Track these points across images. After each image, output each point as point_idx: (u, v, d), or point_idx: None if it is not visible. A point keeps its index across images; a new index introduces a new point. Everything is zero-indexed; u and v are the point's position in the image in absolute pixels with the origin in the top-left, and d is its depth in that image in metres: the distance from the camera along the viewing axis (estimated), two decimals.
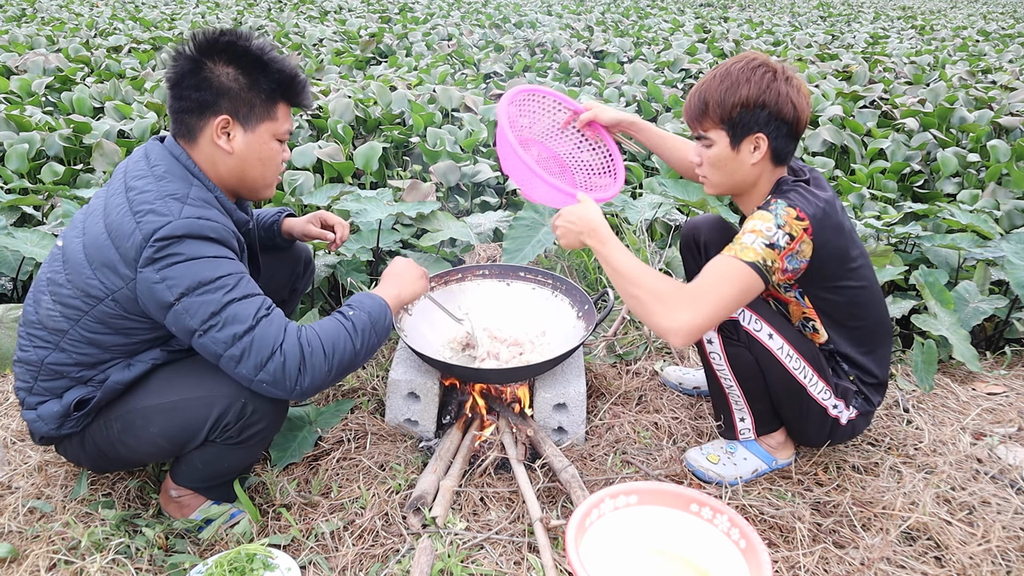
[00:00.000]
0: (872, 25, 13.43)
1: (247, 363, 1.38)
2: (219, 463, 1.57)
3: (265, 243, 1.93)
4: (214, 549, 1.59)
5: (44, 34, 8.04)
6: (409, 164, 4.22)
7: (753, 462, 1.83)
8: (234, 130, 1.46)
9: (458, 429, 1.96)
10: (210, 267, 1.36)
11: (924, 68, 7.49)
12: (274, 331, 1.39)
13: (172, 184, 1.41)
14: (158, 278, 1.34)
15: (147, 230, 1.34)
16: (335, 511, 1.72)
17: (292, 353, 1.39)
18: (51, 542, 1.56)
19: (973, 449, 1.96)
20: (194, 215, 1.37)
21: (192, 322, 1.36)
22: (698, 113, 1.56)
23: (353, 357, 1.48)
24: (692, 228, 2.02)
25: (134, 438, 1.50)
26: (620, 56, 8.20)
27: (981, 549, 1.60)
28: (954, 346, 2.22)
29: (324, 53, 7.90)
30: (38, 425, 1.51)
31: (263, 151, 1.50)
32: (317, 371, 1.42)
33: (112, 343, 1.46)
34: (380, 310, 1.55)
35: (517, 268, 2.28)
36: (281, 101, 1.51)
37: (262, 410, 1.51)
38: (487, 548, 1.61)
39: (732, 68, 1.54)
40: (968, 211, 2.87)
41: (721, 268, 1.46)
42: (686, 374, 2.24)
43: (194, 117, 1.45)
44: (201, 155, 1.48)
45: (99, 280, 1.40)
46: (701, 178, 1.68)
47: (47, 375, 1.49)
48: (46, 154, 3.82)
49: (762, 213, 1.52)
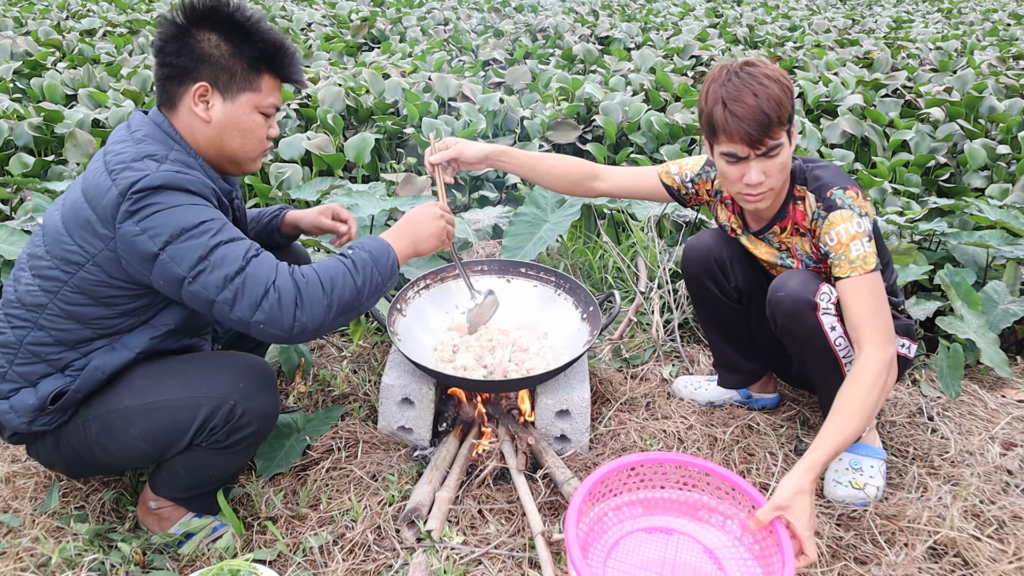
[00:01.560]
0: (895, 8, 13.45)
1: (241, 304, 1.38)
2: (204, 470, 1.57)
3: (263, 241, 1.92)
4: (195, 565, 1.59)
5: (11, 15, 8.04)
6: (403, 156, 4.22)
7: (876, 462, 1.86)
8: (212, 98, 1.48)
9: (455, 437, 1.97)
10: (192, 213, 1.38)
11: (951, 54, 7.50)
12: (265, 269, 1.41)
13: (151, 146, 1.44)
14: (139, 230, 1.35)
15: (123, 185, 1.36)
16: (324, 524, 1.72)
17: (287, 288, 1.40)
18: (19, 559, 1.56)
19: (1003, 460, 1.96)
20: (172, 169, 1.40)
21: (180, 269, 1.37)
22: (765, 126, 1.56)
23: (355, 294, 1.48)
24: (705, 250, 2.00)
25: (113, 441, 1.50)
26: (627, 42, 8.21)
27: (1012, 567, 1.60)
28: (982, 350, 2.22)
29: (313, 38, 7.91)
30: (9, 418, 1.50)
31: (243, 122, 1.51)
32: (316, 305, 1.42)
33: (93, 315, 1.47)
34: (382, 249, 1.55)
35: (519, 264, 2.28)
36: (266, 72, 1.52)
37: (252, 412, 1.52)
38: (485, 564, 1.61)
39: (755, 72, 1.58)
40: (997, 206, 2.86)
41: (869, 290, 1.60)
42: (698, 388, 2.25)
43: (175, 84, 1.48)
44: (181, 123, 1.50)
45: (78, 245, 1.42)
46: (759, 196, 1.66)
47: (24, 358, 1.49)
48: (14, 144, 3.82)
49: (840, 214, 1.64)
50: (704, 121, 1.63)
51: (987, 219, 2.72)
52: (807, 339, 1.72)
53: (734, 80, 1.58)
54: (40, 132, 3.88)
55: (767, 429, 2.10)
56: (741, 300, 2.01)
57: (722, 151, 1.62)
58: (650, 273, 2.78)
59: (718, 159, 1.66)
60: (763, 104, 1.55)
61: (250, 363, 1.57)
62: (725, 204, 1.94)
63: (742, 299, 2.01)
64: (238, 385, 1.51)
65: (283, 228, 1.94)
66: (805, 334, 1.72)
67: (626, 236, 3.11)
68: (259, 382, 1.55)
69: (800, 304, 1.69)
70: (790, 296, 1.70)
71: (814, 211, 1.70)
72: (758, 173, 1.62)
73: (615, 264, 2.89)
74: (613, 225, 3.22)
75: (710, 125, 1.61)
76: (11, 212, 3.02)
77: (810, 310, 1.69)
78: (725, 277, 1.98)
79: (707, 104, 1.61)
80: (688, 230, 3.15)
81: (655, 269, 2.78)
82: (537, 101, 5.12)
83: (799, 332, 1.72)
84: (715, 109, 1.58)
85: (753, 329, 2.07)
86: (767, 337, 2.03)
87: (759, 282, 1.99)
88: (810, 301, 1.68)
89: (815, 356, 1.75)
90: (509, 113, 4.61)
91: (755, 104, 1.55)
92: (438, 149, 1.91)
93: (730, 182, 1.67)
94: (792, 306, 1.70)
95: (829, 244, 1.66)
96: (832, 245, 1.65)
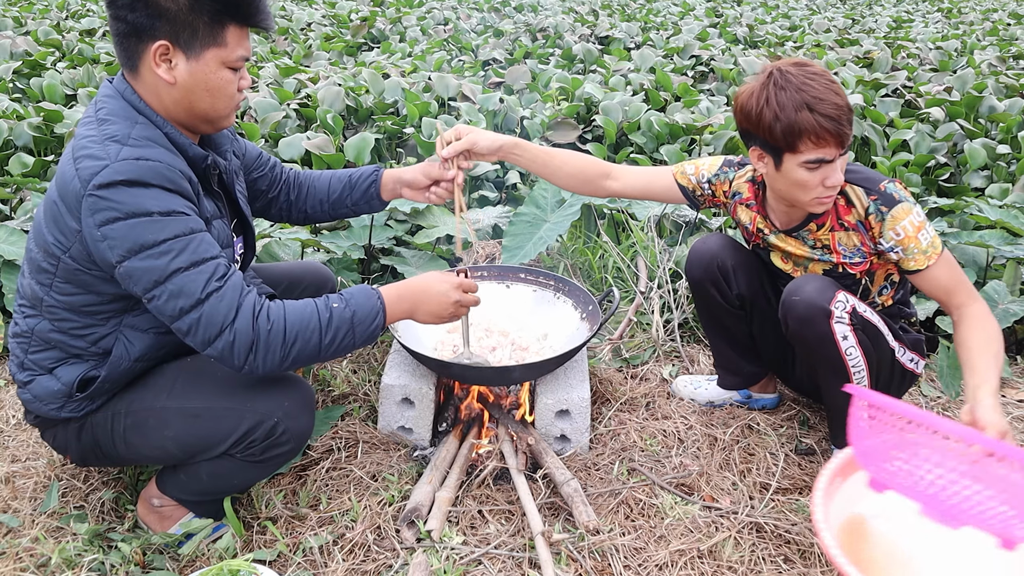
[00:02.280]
0: (895, 8, 13.45)
1: (195, 337, 1.35)
2: (228, 478, 1.57)
3: (361, 208, 1.86)
4: (195, 565, 1.59)
5: (11, 15, 8.03)
6: (403, 156, 4.22)
7: None
8: (175, 57, 1.35)
9: (455, 437, 1.97)
10: (153, 228, 1.29)
11: (951, 54, 7.49)
12: (224, 308, 1.33)
13: (113, 126, 1.35)
14: (100, 235, 1.30)
15: (84, 176, 1.29)
16: (324, 524, 1.72)
17: (243, 332, 1.34)
18: (19, 559, 1.56)
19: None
20: (132, 156, 1.30)
21: (136, 288, 1.33)
22: (851, 123, 1.56)
23: (315, 352, 1.42)
24: (710, 256, 1.97)
25: (142, 438, 1.49)
26: (627, 41, 8.20)
27: None
28: None
29: (313, 38, 7.91)
30: (35, 405, 1.50)
31: (211, 81, 1.38)
32: (271, 356, 1.38)
33: (85, 304, 1.44)
34: (369, 312, 1.46)
35: (517, 269, 2.29)
36: (231, 23, 1.37)
37: (292, 432, 1.51)
38: (485, 564, 1.61)
39: (815, 70, 1.57)
40: (998, 206, 2.86)
41: (948, 267, 1.66)
42: (698, 388, 2.25)
43: (132, 41, 1.35)
44: (144, 87, 1.39)
45: (53, 237, 1.39)
46: (832, 197, 1.65)
47: (37, 345, 1.49)
48: (14, 144, 3.82)
49: (901, 208, 1.64)
50: (779, 132, 1.54)
51: (987, 219, 2.72)
52: (818, 345, 1.71)
53: (808, 83, 1.52)
54: (40, 132, 3.88)
55: (767, 429, 2.10)
56: (744, 307, 2.00)
57: (806, 159, 1.55)
58: (650, 273, 2.78)
59: (794, 170, 1.58)
60: (846, 100, 1.51)
61: (295, 382, 1.57)
62: (747, 206, 1.90)
63: (744, 305, 2.00)
64: (283, 403, 1.50)
65: (383, 194, 1.85)
66: (816, 340, 1.71)
67: (626, 236, 3.11)
68: (302, 402, 1.54)
69: (814, 310, 1.67)
70: (804, 301, 1.69)
71: (867, 205, 1.67)
72: (841, 172, 1.59)
73: (615, 264, 2.89)
74: (613, 225, 3.22)
75: (791, 134, 1.53)
76: (11, 212, 3.02)
77: (823, 317, 1.67)
78: (728, 284, 1.97)
79: (782, 113, 1.53)
80: (688, 230, 3.15)
81: (655, 269, 2.78)
82: (537, 101, 5.11)
83: (810, 338, 1.71)
84: (799, 116, 1.51)
85: (755, 334, 2.06)
86: (768, 342, 2.03)
87: (763, 290, 1.98)
88: (824, 308, 1.67)
89: (824, 362, 1.74)
90: (509, 113, 4.61)
91: (842, 102, 1.51)
92: (448, 140, 1.76)
93: (806, 189, 1.61)
94: (806, 311, 1.69)
95: (895, 239, 1.64)
96: (899, 239, 1.64)
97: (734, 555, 1.65)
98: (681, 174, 1.96)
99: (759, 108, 1.57)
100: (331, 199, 1.86)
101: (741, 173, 1.91)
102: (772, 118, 1.55)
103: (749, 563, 1.63)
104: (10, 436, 2.00)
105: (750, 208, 1.89)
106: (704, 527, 1.73)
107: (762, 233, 1.88)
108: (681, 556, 1.64)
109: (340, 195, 1.86)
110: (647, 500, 1.81)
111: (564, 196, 2.95)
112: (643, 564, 1.63)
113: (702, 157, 1.97)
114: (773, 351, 2.05)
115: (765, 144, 1.61)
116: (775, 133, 1.56)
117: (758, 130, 1.59)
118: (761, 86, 1.58)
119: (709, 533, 1.71)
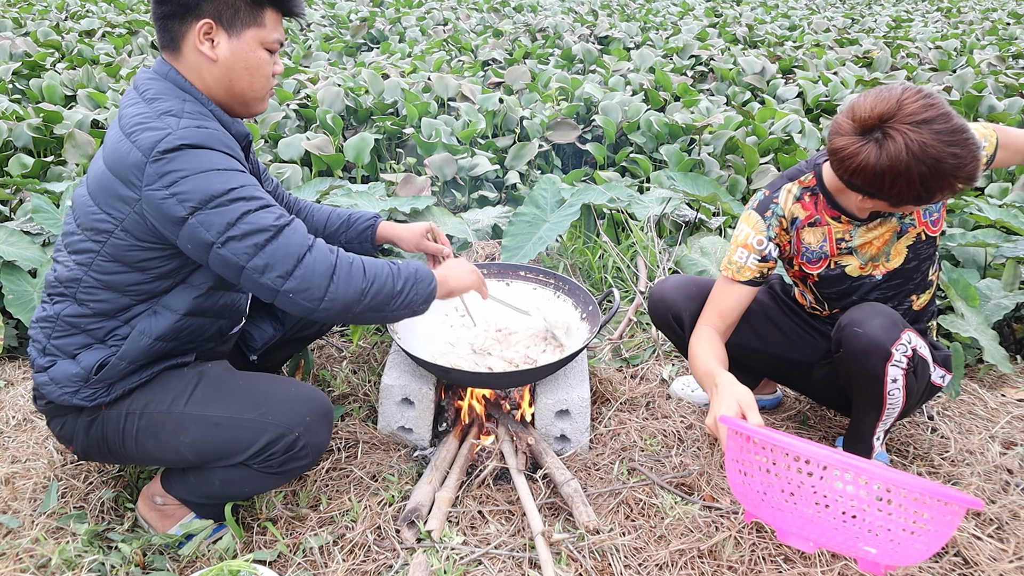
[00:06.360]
0: (895, 7, 13.46)
1: (271, 273, 1.37)
2: (240, 486, 1.57)
3: (351, 247, 1.91)
4: (195, 566, 1.60)
5: (10, 16, 8.04)
6: (403, 157, 4.22)
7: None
8: (218, 35, 1.44)
9: (455, 437, 1.97)
10: (221, 179, 1.36)
11: (950, 53, 7.50)
12: (299, 238, 1.39)
13: (165, 103, 1.41)
14: (167, 194, 1.34)
15: (145, 145, 1.34)
16: (324, 525, 1.73)
17: (323, 258, 1.40)
18: (19, 560, 1.56)
19: (1003, 459, 1.96)
20: (192, 125, 1.37)
21: (208, 235, 1.35)
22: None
23: (390, 296, 1.47)
24: (664, 308, 1.96)
25: (155, 441, 1.50)
26: (626, 41, 8.21)
27: (1013, 566, 1.60)
28: (984, 347, 2.22)
29: (312, 38, 7.91)
30: (50, 389, 1.50)
31: (250, 59, 1.47)
32: (352, 285, 1.41)
33: (129, 282, 1.46)
34: (427, 273, 1.54)
35: (517, 267, 2.28)
36: (268, 7, 1.48)
37: (311, 446, 1.52)
38: (485, 564, 1.61)
39: (944, 125, 1.41)
40: (997, 205, 2.86)
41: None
42: (695, 390, 2.25)
43: (176, 22, 1.44)
44: (187, 66, 1.46)
45: (106, 213, 1.41)
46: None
47: (62, 330, 1.50)
48: (13, 145, 3.82)
49: None
50: (932, 186, 1.42)
51: (987, 218, 2.72)
52: (865, 380, 1.66)
53: (950, 148, 1.40)
54: (39, 133, 3.88)
55: None
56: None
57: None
58: (650, 273, 2.78)
59: (881, 207, 1.55)
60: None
61: (316, 397, 1.58)
62: (811, 224, 1.73)
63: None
64: (305, 418, 1.52)
65: (377, 240, 1.92)
66: (866, 377, 1.65)
67: (626, 236, 3.11)
68: (322, 417, 1.56)
69: (874, 348, 1.61)
70: (868, 337, 1.61)
71: None
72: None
73: (615, 264, 2.89)
74: (613, 225, 3.22)
75: (935, 189, 1.42)
76: (10, 213, 3.02)
77: (881, 360, 1.61)
78: (683, 331, 1.93)
79: (935, 175, 1.41)
80: (688, 230, 3.15)
81: (655, 269, 2.78)
82: (536, 101, 5.12)
83: (860, 373, 1.66)
84: (946, 182, 1.41)
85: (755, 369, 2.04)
86: (755, 361, 2.00)
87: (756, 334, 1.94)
88: (886, 350, 1.60)
89: (862, 392, 1.70)
90: (508, 113, 4.61)
91: (976, 155, 1.41)
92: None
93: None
94: (866, 347, 1.62)
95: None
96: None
97: (734, 555, 1.65)
98: (746, 269, 1.74)
99: (898, 174, 1.43)
100: (326, 232, 1.91)
101: (781, 201, 1.74)
102: (901, 182, 1.44)
103: (749, 563, 1.63)
104: (10, 437, 2.00)
105: (818, 225, 1.73)
106: (704, 527, 1.73)
107: (842, 243, 1.72)
108: (681, 556, 1.64)
109: (336, 230, 1.91)
110: (647, 500, 1.81)
111: (564, 196, 2.95)
112: (643, 564, 1.63)
113: (733, 242, 1.78)
114: (761, 369, 2.05)
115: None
116: (903, 196, 1.47)
117: (892, 191, 1.47)
118: (915, 152, 1.41)
119: (709, 533, 1.71)
